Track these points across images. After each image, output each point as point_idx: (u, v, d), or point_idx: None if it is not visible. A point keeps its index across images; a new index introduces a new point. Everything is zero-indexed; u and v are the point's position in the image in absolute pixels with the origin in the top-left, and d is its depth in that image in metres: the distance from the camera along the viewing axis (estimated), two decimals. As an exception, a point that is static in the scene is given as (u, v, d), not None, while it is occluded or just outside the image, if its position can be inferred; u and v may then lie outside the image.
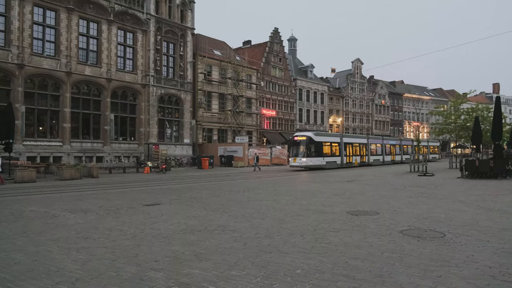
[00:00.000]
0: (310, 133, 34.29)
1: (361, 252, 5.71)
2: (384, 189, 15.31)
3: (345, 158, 36.92)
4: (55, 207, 10.76)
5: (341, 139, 36.86)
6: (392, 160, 46.50)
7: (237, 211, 9.85)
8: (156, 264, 5.18)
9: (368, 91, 70.65)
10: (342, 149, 36.52)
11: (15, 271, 4.90)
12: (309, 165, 32.47)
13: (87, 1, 31.10)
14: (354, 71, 68.62)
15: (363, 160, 40.44)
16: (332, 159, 34.85)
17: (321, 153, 33.63)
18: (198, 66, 41.02)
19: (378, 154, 44.00)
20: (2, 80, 26.75)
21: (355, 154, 38.98)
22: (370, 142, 42.28)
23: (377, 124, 72.08)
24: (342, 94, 65.79)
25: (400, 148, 49.73)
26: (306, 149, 32.64)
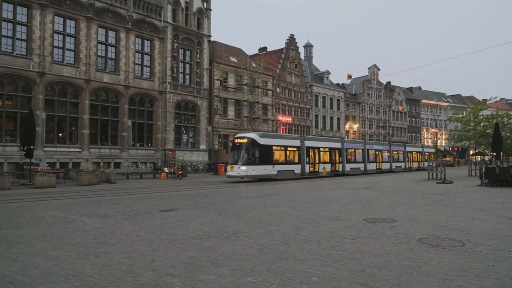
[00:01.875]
0: (254, 134, 27.68)
1: (378, 260, 5.64)
2: (401, 197, 15.11)
3: (307, 167, 30.67)
4: (74, 212, 10.92)
5: (302, 143, 30.54)
6: (378, 169, 40.83)
7: (252, 217, 9.84)
8: (172, 270, 5.20)
9: (385, 97, 70.05)
10: (303, 154, 30.21)
11: (35, 275, 4.99)
12: (251, 174, 26.03)
13: (106, 10, 31.71)
14: (371, 77, 68.17)
15: (335, 168, 34.04)
16: (287, 168, 28.65)
17: (270, 159, 27.22)
18: (214, 72, 41.32)
19: (358, 161, 37.66)
20: (24, 88, 27.42)
21: (323, 161, 32.65)
22: (346, 146, 35.99)
23: (394, 131, 71.32)
24: (359, 100, 65.37)
25: (390, 155, 43.75)
26: (248, 154, 26.13)
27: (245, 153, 26.19)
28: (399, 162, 45.54)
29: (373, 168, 39.84)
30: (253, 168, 26.05)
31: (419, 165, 49.87)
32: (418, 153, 51.04)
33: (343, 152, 35.28)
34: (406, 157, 46.86)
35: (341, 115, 61.03)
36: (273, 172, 27.36)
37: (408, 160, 47.50)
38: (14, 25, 27.08)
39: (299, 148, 30.03)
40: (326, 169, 32.80)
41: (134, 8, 33.56)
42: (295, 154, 29.79)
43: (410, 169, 47.06)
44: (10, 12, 26.86)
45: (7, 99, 26.98)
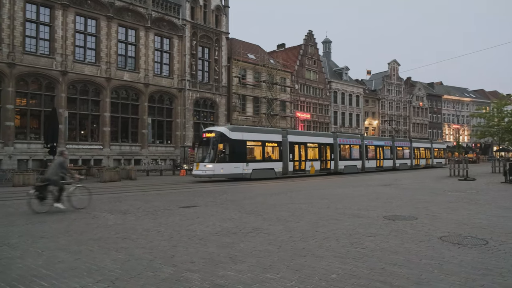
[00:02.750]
0: (223, 128, 24.96)
1: (398, 258, 5.58)
2: (422, 194, 14.89)
3: (291, 164, 27.46)
4: (96, 208, 11.12)
5: (285, 137, 27.28)
6: (379, 167, 37.47)
7: (271, 214, 9.85)
8: (192, 265, 5.26)
9: (405, 93, 69.01)
10: (285, 151, 27.08)
11: (59, 269, 5.11)
12: (220, 173, 22.91)
13: (125, 8, 32.10)
14: (391, 73, 67.22)
15: (326, 166, 31.01)
16: (265, 166, 25.65)
17: (243, 156, 24.17)
18: (233, 70, 41.40)
19: (354, 158, 34.57)
20: (47, 87, 28.05)
21: (312, 159, 29.61)
22: (339, 142, 32.94)
23: (415, 127, 70.24)
24: (378, 96, 64.57)
25: (392, 151, 40.15)
26: (215, 150, 23.36)
27: (213, 149, 23.34)
28: (404, 159, 42.05)
29: (372, 166, 36.62)
30: (222, 166, 22.98)
31: (428, 163, 46.75)
32: (426, 149, 47.13)
33: (335, 148, 32.09)
34: (412, 153, 43.38)
35: (360, 112, 60.41)
36: (247, 170, 24.18)
37: (415, 157, 44.11)
38: (38, 25, 27.69)
39: (281, 144, 26.81)
40: (315, 167, 29.66)
41: (153, 7, 33.88)
42: (275, 150, 26.64)
43: (417, 166, 44.08)
44: (33, 12, 27.46)
45: (31, 98, 27.64)
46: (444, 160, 50.74)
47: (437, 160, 48.76)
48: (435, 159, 48.27)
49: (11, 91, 26.07)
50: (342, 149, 33.36)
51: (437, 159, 49.07)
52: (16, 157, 26.21)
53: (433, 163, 47.50)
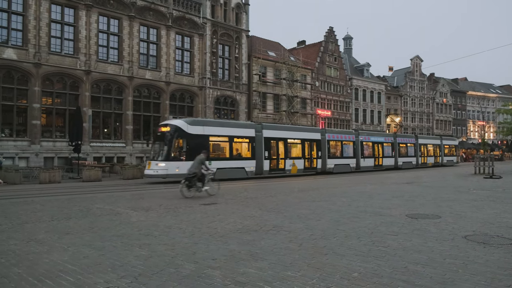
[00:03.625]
0: (180, 121, 22.09)
1: (421, 257, 5.50)
2: (445, 192, 14.62)
3: (267, 163, 24.84)
4: (119, 205, 11.33)
5: (259, 132, 24.65)
6: (377, 165, 34.47)
7: (292, 211, 9.84)
8: (213, 262, 5.31)
9: (428, 89, 67.73)
10: (259, 147, 24.39)
11: (84, 264, 5.23)
12: (174, 173, 19.84)
13: (147, 8, 32.48)
14: (413, 69, 66.07)
15: (311, 165, 28.01)
16: (232, 164, 23.07)
17: None
18: (253, 67, 41.40)
19: (347, 156, 31.53)
20: (71, 86, 28.66)
21: (294, 156, 26.80)
22: (328, 138, 29.80)
23: (438, 124, 68.89)
24: (400, 92, 63.56)
25: (394, 148, 37.09)
26: (170, 147, 20.89)
27: (166, 145, 20.92)
28: (408, 157, 38.95)
29: (369, 165, 33.58)
30: (177, 165, 20.10)
31: (437, 161, 43.55)
32: (435, 146, 43.68)
33: (323, 145, 29.11)
34: (418, 151, 40.20)
35: (382, 108, 59.60)
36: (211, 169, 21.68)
37: (421, 155, 40.94)
38: (62, 26, 28.30)
39: (254, 140, 24.15)
40: (297, 166, 26.78)
41: (174, 6, 34.17)
42: (247, 147, 24.03)
43: (424, 165, 40.94)
44: (58, 13, 28.06)
45: (57, 97, 28.30)
46: (456, 158, 48.04)
47: (447, 158, 45.72)
48: (445, 157, 45.24)
49: (37, 91, 26.74)
50: (332, 146, 30.46)
51: (448, 157, 46.00)
52: (43, 155, 26.90)
53: (443, 161, 44.58)
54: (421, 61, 67.39)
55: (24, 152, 26.26)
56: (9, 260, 5.45)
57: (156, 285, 4.39)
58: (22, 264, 5.26)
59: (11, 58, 25.86)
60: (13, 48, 26.05)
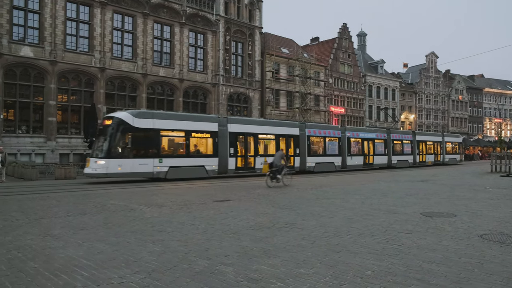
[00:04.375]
0: (124, 113, 19.85)
1: (436, 256, 5.43)
2: (461, 190, 14.41)
3: (232, 161, 22.62)
4: (132, 201, 11.44)
5: (223, 127, 22.45)
6: (367, 164, 31.80)
7: (305, 209, 9.81)
8: (226, 259, 5.32)
9: (443, 86, 66.83)
10: (223, 143, 22.32)
11: (99, 260, 5.29)
12: (117, 172, 18.50)
13: (161, 5, 32.65)
14: (428, 65, 65.24)
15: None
16: (189, 162, 21.04)
17: (154, 150, 19.71)
18: (266, 64, 41.35)
19: (330, 153, 28.70)
20: (86, 83, 29.01)
21: (265, 154, 24.24)
22: (308, 133, 27.22)
23: (453, 121, 67.95)
24: (415, 89, 62.85)
25: (387, 145, 34.10)
26: (111, 142, 18.79)
27: (107, 140, 18.75)
28: (404, 154, 36.14)
29: (357, 163, 30.99)
30: (120, 163, 18.49)
31: (437, 159, 40.87)
32: (435, 144, 40.81)
33: (302, 141, 26.67)
34: (415, 148, 37.42)
35: (396, 105, 58.99)
36: (161, 169, 19.64)
37: (420, 152, 38.17)
38: (77, 24, 28.64)
39: (217, 135, 22.04)
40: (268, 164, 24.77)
41: (188, 3, 34.28)
42: (208, 143, 21.92)
43: (422, 163, 38.38)
44: (73, 11, 28.41)
45: (72, 94, 28.67)
46: (460, 156, 45.21)
47: (450, 156, 42.89)
48: (447, 155, 42.41)
49: (53, 88, 27.13)
50: (313, 142, 27.85)
51: (450, 154, 43.16)
52: (58, 151, 27.31)
53: (445, 159, 41.83)
54: (436, 57, 66.52)
55: (40, 148, 26.69)
56: (26, 254, 5.54)
57: (169, 281, 4.42)
58: (39, 258, 5.34)
59: (28, 55, 26.28)
60: (30, 46, 26.46)
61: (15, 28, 26.13)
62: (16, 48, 25.91)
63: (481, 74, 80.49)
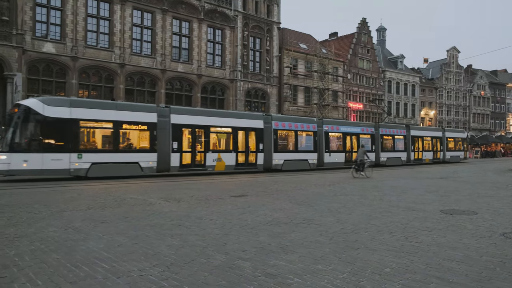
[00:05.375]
0: (33, 101, 17.14)
1: (456, 254, 5.35)
2: (482, 188, 14.14)
3: (177, 156, 19.95)
4: (151, 195, 11.58)
5: (166, 118, 19.84)
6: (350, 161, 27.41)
7: (322, 205, 9.78)
8: (243, 254, 5.34)
9: (465, 81, 65.47)
10: (164, 137, 19.62)
11: (118, 252, 5.38)
12: (22, 169, 16.05)
13: (179, 1, 32.81)
14: (450, 61, 63.98)
15: (248, 160, 22.78)
16: (118, 158, 18.34)
17: (71, 143, 17.09)
18: (284, 60, 41.18)
19: (303, 149, 25.62)
20: (106, 79, 29.41)
21: (221, 149, 21.99)
22: (276, 126, 24.15)
23: (475, 117, 66.56)
24: (436, 85, 61.75)
25: (375, 141, 31.12)
26: (17, 134, 16.39)
27: (11, 132, 16.25)
28: (396, 151, 32.81)
29: (337, 161, 27.72)
30: (26, 158, 15.98)
31: (436, 156, 37.35)
32: (434, 139, 37.32)
33: (267, 135, 23.65)
34: (409, 144, 34.08)
35: (416, 101, 58.09)
36: (80, 165, 17.10)
37: (415, 149, 34.90)
38: (98, 20, 29.03)
39: (156, 127, 19.37)
40: (226, 162, 21.70)
41: (206, -1, 34.38)
42: (143, 136, 19.28)
43: (418, 161, 34.90)
44: (94, 8, 28.79)
45: (92, 89, 29.12)
46: (464, 153, 41.55)
47: (452, 153, 39.32)
48: (449, 151, 38.89)
49: (74, 83, 27.59)
50: (282, 136, 24.80)
51: (452, 151, 39.59)
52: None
53: (446, 157, 38.24)
54: (458, 52, 65.21)
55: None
56: (48, 246, 5.67)
57: (187, 275, 4.46)
58: (61, 250, 5.46)
59: (50, 52, 26.77)
60: (52, 42, 26.94)
61: (38, 24, 26.63)
62: (39, 44, 26.42)
63: (504, 69, 78.52)
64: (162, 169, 19.68)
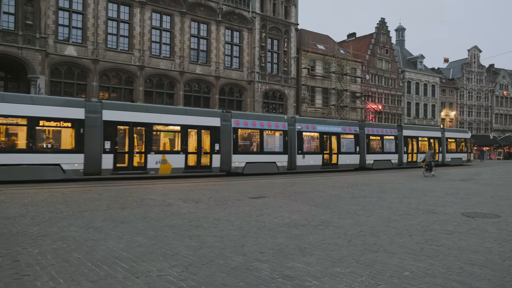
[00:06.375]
0: None
1: (478, 258, 5.25)
2: (505, 190, 13.83)
3: (108, 158, 17.64)
4: (170, 196, 11.69)
5: (95, 114, 17.46)
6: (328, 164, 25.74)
7: (340, 207, 9.72)
8: (261, 256, 5.35)
9: (487, 81, 64.13)
10: (95, 136, 17.30)
11: (138, 253, 5.45)
12: None
13: (197, 4, 33.06)
14: (471, 60, 62.76)
15: (199, 163, 20.41)
16: (33, 160, 16.01)
17: None
18: (302, 61, 41.06)
19: (269, 150, 23.19)
20: (126, 81, 29.85)
21: (164, 150, 19.71)
22: (236, 125, 21.76)
23: (497, 118, 65.09)
24: (456, 85, 60.65)
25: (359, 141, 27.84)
26: None
27: None
28: (385, 153, 29.75)
29: (313, 163, 24.89)
30: None
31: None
32: (432, 140, 33.86)
33: (225, 134, 21.15)
34: (401, 145, 30.80)
35: (436, 102, 57.16)
36: None
37: (408, 151, 31.45)
38: (118, 23, 29.49)
39: (84, 124, 17.04)
40: (172, 164, 19.34)
41: (224, 1, 34.52)
42: (67, 135, 17.15)
43: (412, 164, 31.44)
44: (114, 11, 29.27)
45: (112, 91, 29.58)
46: (467, 155, 37.92)
47: (452, 155, 35.81)
48: (449, 153, 35.41)
49: (95, 86, 28.08)
50: (243, 136, 22.44)
51: (453, 153, 36.07)
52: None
53: (445, 159, 34.91)
54: (479, 51, 63.94)
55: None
56: (70, 245, 5.78)
57: (205, 275, 4.50)
58: (81, 249, 5.57)
59: (72, 54, 27.31)
60: (74, 45, 27.48)
61: (60, 28, 27.20)
62: (61, 47, 26.98)
63: (528, 69, 76.60)
64: (91, 172, 17.34)
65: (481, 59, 63.98)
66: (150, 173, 18.81)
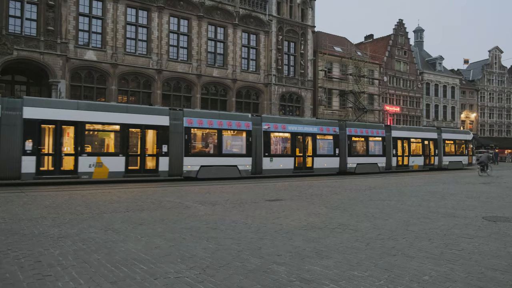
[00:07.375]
0: None
1: (500, 263, 5.14)
2: (529, 194, 13.50)
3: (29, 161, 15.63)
4: (187, 198, 11.78)
5: (12, 112, 15.59)
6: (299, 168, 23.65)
7: (358, 210, 9.63)
8: (278, 258, 5.34)
9: (508, 82, 62.75)
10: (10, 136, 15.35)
11: (156, 254, 5.51)
12: None
13: (214, 7, 33.29)
14: (492, 61, 61.54)
15: (144, 166, 18.44)
16: None
17: None
18: (319, 63, 40.90)
19: (231, 152, 21.24)
20: (144, 84, 30.22)
21: (100, 152, 17.77)
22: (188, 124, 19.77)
23: (520, 120, 63.60)
24: (477, 87, 59.53)
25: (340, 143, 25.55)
26: None
27: None
28: (370, 156, 27.31)
29: (282, 167, 22.88)
30: None
31: (429, 162, 31.31)
32: (426, 142, 31.18)
33: (175, 134, 19.23)
34: (390, 147, 28.32)
35: (456, 104, 56.20)
36: None
37: (397, 154, 28.86)
38: (136, 28, 29.90)
39: (4, 123, 15.29)
40: (109, 168, 17.41)
41: (241, 4, 34.69)
42: None
43: (403, 168, 29.17)
44: (133, 16, 29.70)
45: (131, 95, 29.99)
46: (468, 158, 35.09)
47: (450, 158, 33.13)
48: (447, 156, 32.78)
49: (114, 89, 28.51)
50: (198, 137, 20.65)
51: (452, 156, 33.38)
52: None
53: (442, 163, 32.21)
54: (501, 52, 62.66)
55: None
56: (90, 247, 5.88)
57: (223, 278, 4.52)
58: (101, 251, 5.65)
59: (92, 59, 27.80)
60: (93, 50, 27.97)
61: (80, 33, 27.73)
62: (81, 52, 27.50)
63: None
64: (8, 177, 15.57)
65: (502, 60, 62.71)
66: (82, 177, 16.80)
